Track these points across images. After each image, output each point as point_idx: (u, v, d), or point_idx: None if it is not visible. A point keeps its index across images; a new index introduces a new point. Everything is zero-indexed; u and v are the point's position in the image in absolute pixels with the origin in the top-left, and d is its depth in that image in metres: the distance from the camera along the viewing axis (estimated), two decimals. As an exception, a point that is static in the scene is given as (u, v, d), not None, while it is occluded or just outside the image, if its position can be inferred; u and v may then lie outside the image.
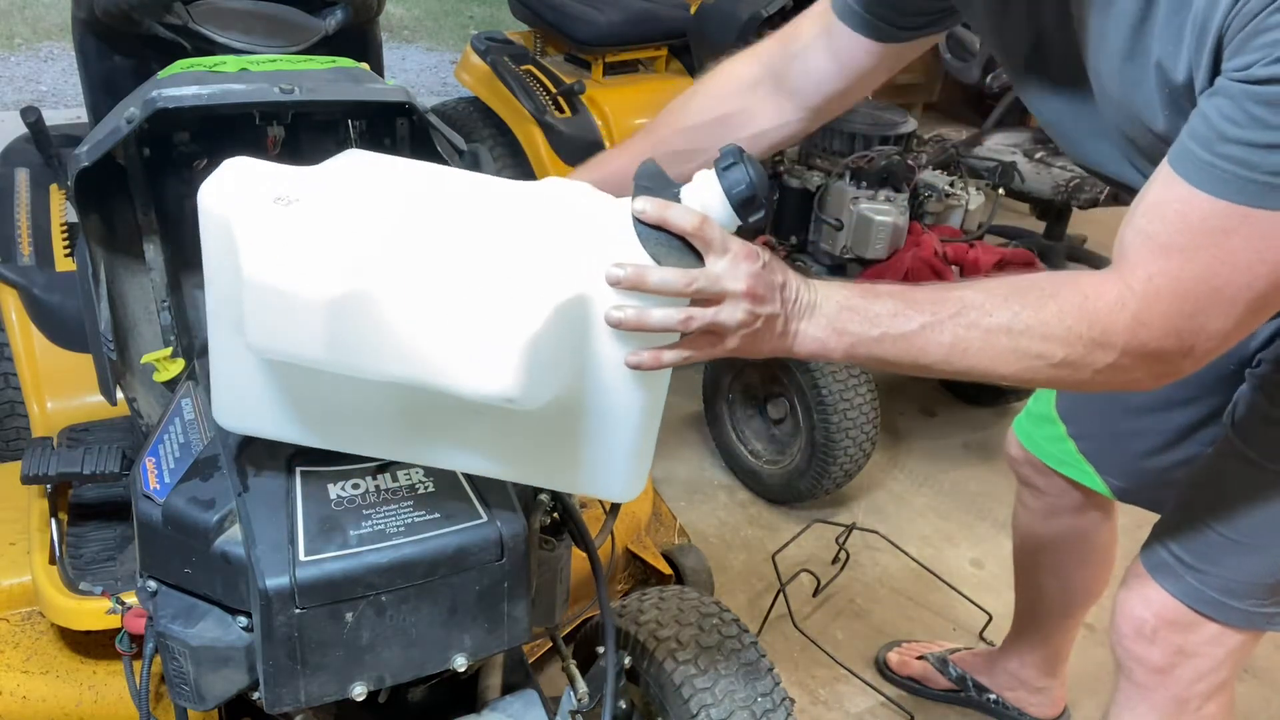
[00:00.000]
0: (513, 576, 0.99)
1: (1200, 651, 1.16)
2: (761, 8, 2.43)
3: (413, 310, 0.78)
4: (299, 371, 0.83)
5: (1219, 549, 1.11)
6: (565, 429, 0.90)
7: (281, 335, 0.79)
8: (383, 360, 0.80)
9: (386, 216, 0.82)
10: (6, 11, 5.17)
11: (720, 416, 2.46)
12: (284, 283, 0.77)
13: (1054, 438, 1.45)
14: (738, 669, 1.22)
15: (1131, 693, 1.24)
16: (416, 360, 0.79)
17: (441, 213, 0.85)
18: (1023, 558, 1.67)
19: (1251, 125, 0.75)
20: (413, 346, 0.79)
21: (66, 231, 1.88)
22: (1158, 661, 1.19)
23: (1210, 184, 0.78)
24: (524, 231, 0.84)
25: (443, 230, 0.82)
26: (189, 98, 1.12)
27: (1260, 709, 1.95)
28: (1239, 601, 1.12)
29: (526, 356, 0.77)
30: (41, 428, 1.72)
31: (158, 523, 0.96)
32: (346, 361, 0.80)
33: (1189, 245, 0.81)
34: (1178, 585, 1.15)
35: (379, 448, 0.95)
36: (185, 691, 0.97)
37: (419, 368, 0.79)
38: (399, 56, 5.45)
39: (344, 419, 0.92)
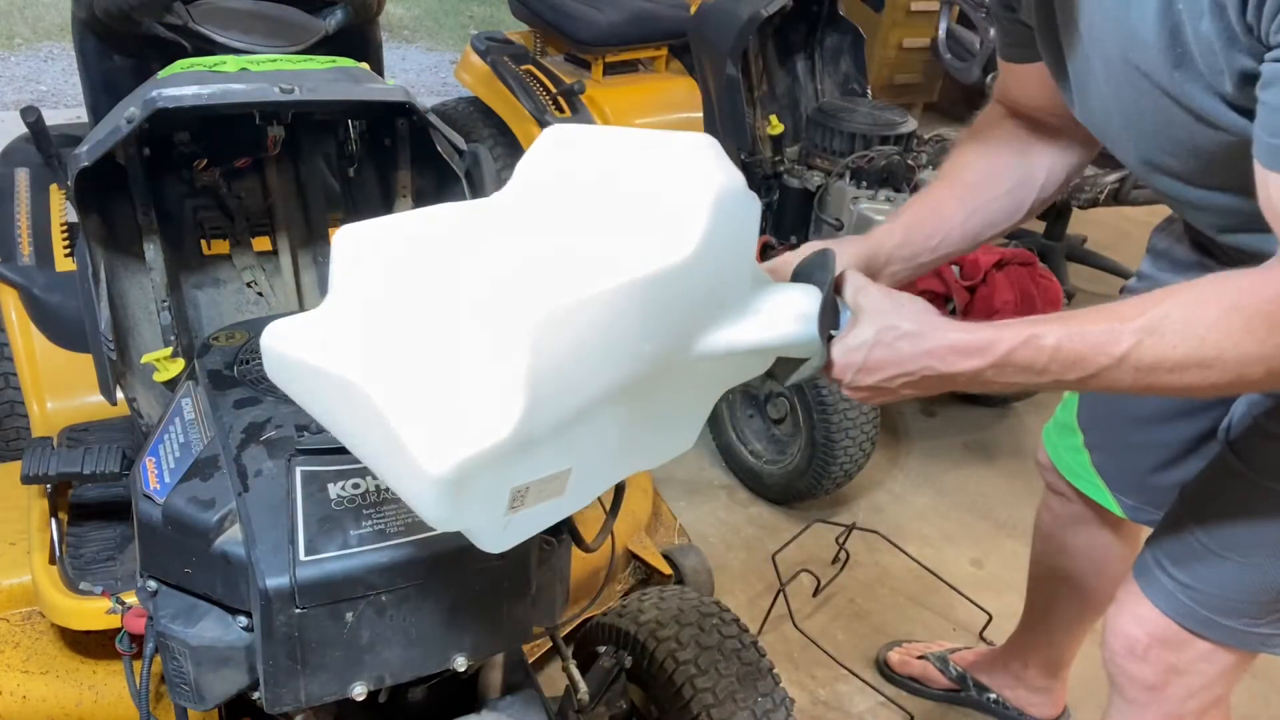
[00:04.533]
0: (513, 576, 0.99)
1: (1192, 669, 1.15)
2: (761, 8, 2.43)
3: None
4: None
5: (1211, 566, 1.10)
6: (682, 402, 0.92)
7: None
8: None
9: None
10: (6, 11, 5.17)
11: (720, 416, 2.46)
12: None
13: (1072, 448, 1.44)
14: (738, 669, 1.22)
15: (1125, 709, 1.24)
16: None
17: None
18: (1040, 560, 1.66)
19: None
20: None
21: (66, 231, 1.88)
22: (1150, 679, 1.18)
23: None
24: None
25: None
26: (189, 98, 1.12)
27: (1260, 709, 1.95)
28: (1232, 620, 1.10)
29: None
30: (41, 428, 1.72)
31: (158, 522, 0.96)
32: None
33: None
34: (1169, 602, 1.14)
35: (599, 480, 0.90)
36: (185, 691, 0.97)
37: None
38: (399, 56, 5.46)
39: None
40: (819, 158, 2.49)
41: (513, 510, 0.78)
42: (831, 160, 2.45)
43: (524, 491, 0.77)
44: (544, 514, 0.83)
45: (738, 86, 2.45)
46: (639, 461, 0.92)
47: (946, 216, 1.11)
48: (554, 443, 0.76)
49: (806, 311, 0.90)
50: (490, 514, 0.77)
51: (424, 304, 0.75)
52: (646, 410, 0.85)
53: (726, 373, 0.94)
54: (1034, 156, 1.15)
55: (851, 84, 2.74)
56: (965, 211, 1.11)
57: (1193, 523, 1.12)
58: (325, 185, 1.46)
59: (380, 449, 0.73)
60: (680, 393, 0.89)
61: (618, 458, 0.88)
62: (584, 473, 0.83)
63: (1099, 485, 1.41)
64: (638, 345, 0.79)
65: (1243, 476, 1.07)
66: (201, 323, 1.37)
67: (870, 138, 2.40)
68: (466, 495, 0.72)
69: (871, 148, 2.39)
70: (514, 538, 0.83)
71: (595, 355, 0.76)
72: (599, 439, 0.82)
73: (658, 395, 0.85)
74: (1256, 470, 1.06)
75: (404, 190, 1.38)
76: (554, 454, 0.77)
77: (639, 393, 0.82)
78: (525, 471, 0.76)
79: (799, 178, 2.49)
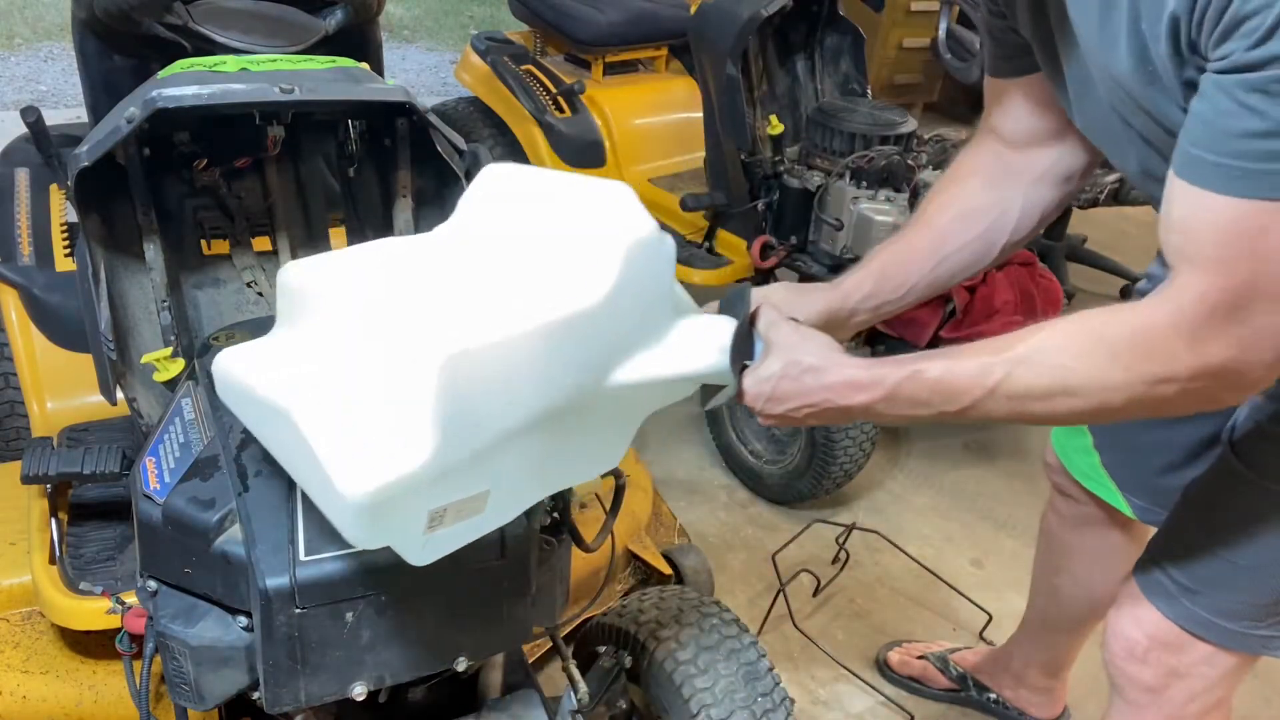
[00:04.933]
0: (513, 576, 0.99)
1: (1192, 672, 1.15)
2: (761, 8, 2.43)
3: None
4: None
5: (1213, 569, 1.09)
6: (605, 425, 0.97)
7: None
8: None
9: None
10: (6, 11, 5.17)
11: (720, 416, 2.46)
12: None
13: (1082, 449, 1.44)
14: (738, 669, 1.22)
15: (1125, 711, 1.23)
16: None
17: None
18: (1046, 561, 1.66)
19: (1243, 114, 0.73)
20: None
21: (66, 231, 1.88)
22: (1150, 681, 1.18)
23: (1227, 185, 0.76)
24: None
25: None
26: (189, 98, 1.12)
27: (1260, 709, 1.95)
28: (1233, 623, 1.10)
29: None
30: (41, 428, 1.72)
31: (158, 522, 0.96)
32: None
33: (1226, 254, 0.78)
34: (1170, 605, 1.13)
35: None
36: (185, 691, 0.97)
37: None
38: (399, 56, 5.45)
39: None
40: (819, 158, 2.49)
41: (431, 529, 0.83)
42: (831, 160, 2.45)
43: (442, 512, 0.82)
44: (467, 530, 0.88)
45: (738, 86, 2.45)
46: (565, 479, 0.99)
47: (915, 266, 1.15)
48: (470, 469, 0.81)
49: (721, 344, 0.96)
50: (409, 533, 0.82)
51: (353, 338, 0.80)
52: (568, 435, 0.90)
53: (651, 398, 0.98)
54: (1009, 199, 1.15)
55: (851, 84, 2.73)
56: (935, 260, 1.15)
57: (1194, 524, 1.12)
58: (325, 185, 1.46)
59: (309, 472, 0.79)
60: (604, 418, 0.94)
61: (541, 478, 0.93)
62: (505, 492, 0.88)
63: (1110, 486, 1.41)
64: (549, 382, 0.84)
65: (1244, 478, 1.07)
66: (201, 323, 1.37)
67: (870, 138, 2.40)
68: (384, 517, 0.77)
69: (871, 148, 2.39)
70: (438, 552, 0.87)
71: (506, 392, 0.81)
72: (518, 463, 0.87)
73: (579, 422, 0.90)
74: (1258, 472, 1.06)
75: (404, 190, 1.38)
76: (471, 479, 0.82)
77: (558, 422, 0.87)
78: (442, 495, 0.81)
79: (799, 178, 2.48)
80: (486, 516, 0.88)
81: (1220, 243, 0.78)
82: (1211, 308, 0.79)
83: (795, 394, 0.94)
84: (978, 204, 1.15)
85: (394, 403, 0.76)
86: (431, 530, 0.83)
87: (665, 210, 2.90)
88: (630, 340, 0.91)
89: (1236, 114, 0.74)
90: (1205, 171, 0.77)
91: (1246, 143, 0.74)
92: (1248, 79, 0.72)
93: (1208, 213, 0.78)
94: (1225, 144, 0.75)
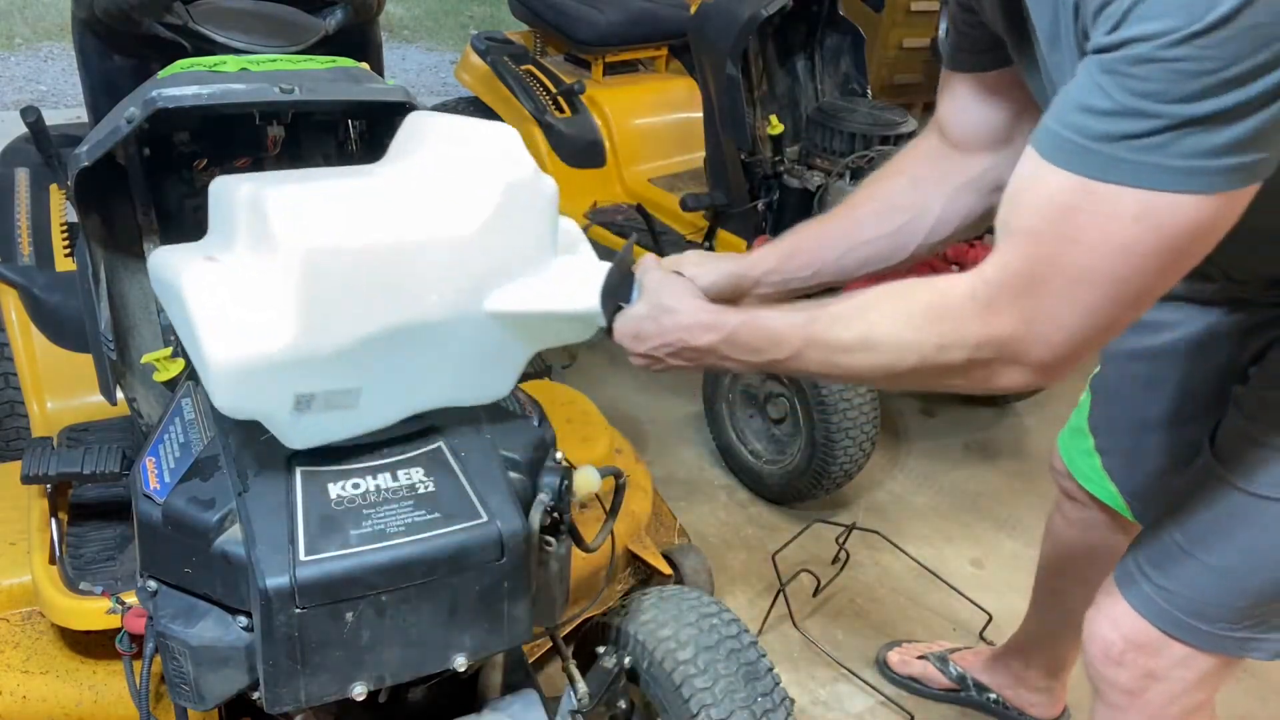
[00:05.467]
0: (513, 576, 0.99)
1: (1169, 675, 1.14)
2: (761, 8, 2.43)
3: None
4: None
5: (1187, 568, 1.09)
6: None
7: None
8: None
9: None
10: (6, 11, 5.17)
11: (720, 416, 2.46)
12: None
13: (1084, 451, 1.44)
14: (738, 669, 1.22)
15: (1106, 714, 1.22)
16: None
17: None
18: (1050, 562, 1.66)
19: (1094, 91, 0.74)
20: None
21: (66, 231, 1.88)
22: (1127, 684, 1.17)
23: (1062, 157, 0.77)
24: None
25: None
26: (189, 97, 1.12)
27: (1259, 709, 1.95)
28: (1207, 624, 1.09)
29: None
30: (41, 428, 1.72)
31: (158, 522, 0.96)
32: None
33: (1039, 225, 0.79)
34: (1146, 605, 1.13)
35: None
36: (185, 691, 0.97)
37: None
38: (399, 56, 5.46)
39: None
40: (819, 158, 2.49)
41: (300, 412, 0.92)
42: (831, 160, 2.45)
43: (310, 398, 0.92)
44: (343, 423, 0.98)
45: (738, 86, 2.45)
46: (447, 397, 1.05)
47: (824, 250, 1.17)
48: (336, 364, 0.91)
49: (595, 285, 1.02)
50: (277, 411, 0.91)
51: (248, 235, 0.92)
52: (446, 354, 1.00)
53: (534, 334, 1.07)
54: (930, 202, 1.15)
55: (851, 84, 2.74)
56: (845, 247, 1.16)
57: (1171, 524, 1.11)
58: (325, 185, 1.46)
59: (194, 347, 0.89)
60: (486, 345, 1.03)
61: (420, 390, 1.02)
62: (380, 395, 0.97)
63: (1110, 489, 1.41)
64: (412, 296, 0.94)
65: (1221, 479, 1.06)
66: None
67: (870, 138, 2.40)
68: (249, 390, 0.88)
69: (871, 148, 2.39)
70: (314, 439, 0.97)
71: (368, 297, 0.91)
72: (392, 369, 0.96)
73: (458, 344, 1.00)
74: (1234, 473, 1.05)
75: (404, 190, 1.38)
76: (338, 372, 0.92)
77: (431, 337, 0.97)
78: (308, 381, 0.90)
79: (799, 178, 2.49)
80: (362, 414, 0.98)
81: (1038, 213, 0.79)
82: (1011, 277, 0.80)
83: (655, 333, 1.00)
84: (898, 202, 1.16)
85: (264, 288, 0.88)
86: (300, 412, 0.92)
87: (665, 210, 2.90)
88: (502, 272, 0.99)
89: (1088, 90, 0.75)
90: (1048, 142, 0.78)
91: (1088, 119, 0.75)
92: (1103, 60, 0.73)
93: (1038, 183, 0.79)
94: (1071, 117, 0.76)
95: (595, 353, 3.01)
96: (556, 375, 2.39)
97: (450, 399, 1.06)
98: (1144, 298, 0.80)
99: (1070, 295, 0.79)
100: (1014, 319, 0.81)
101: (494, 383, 1.09)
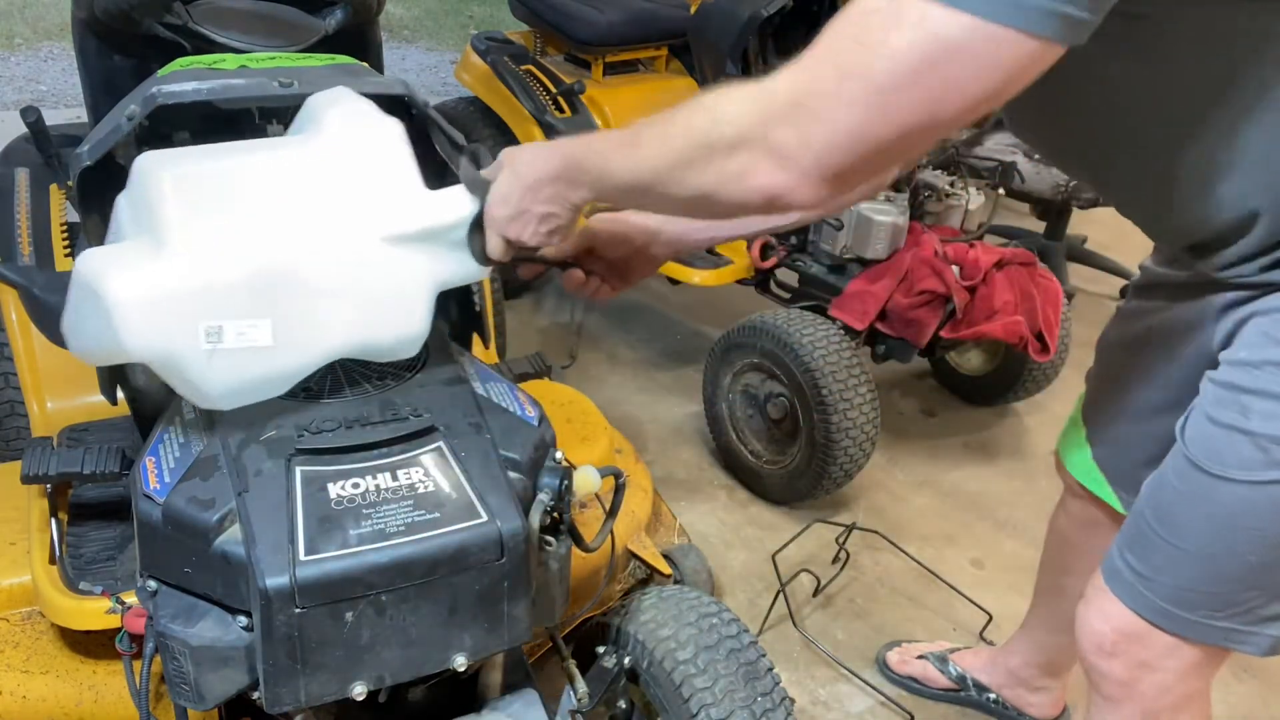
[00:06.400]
0: (512, 576, 0.99)
1: (1160, 665, 1.14)
2: (761, 8, 2.43)
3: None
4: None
5: (1164, 555, 1.08)
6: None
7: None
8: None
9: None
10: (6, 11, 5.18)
11: (720, 416, 2.46)
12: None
13: (1079, 443, 1.44)
14: (737, 669, 1.22)
15: (1103, 707, 1.22)
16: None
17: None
18: (1053, 560, 1.65)
19: None
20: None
21: (66, 231, 1.88)
22: (1120, 676, 1.17)
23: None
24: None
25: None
26: (188, 93, 1.12)
27: (1260, 709, 1.95)
28: (1188, 612, 1.08)
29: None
30: (41, 428, 1.72)
31: (158, 522, 0.96)
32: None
33: (836, 32, 0.77)
34: (1130, 595, 1.12)
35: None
36: (185, 691, 0.97)
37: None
38: (399, 56, 5.46)
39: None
40: (819, 158, 2.49)
41: (212, 345, 0.97)
42: (831, 160, 2.44)
43: (219, 330, 0.97)
44: (259, 363, 1.01)
45: (738, 86, 2.45)
46: (360, 339, 1.07)
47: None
48: (234, 293, 0.97)
49: (460, 191, 1.07)
50: (189, 346, 0.96)
51: (131, 193, 1.01)
52: (344, 285, 1.04)
53: (426, 264, 1.08)
54: None
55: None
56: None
57: (1147, 510, 1.11)
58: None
59: (96, 322, 0.94)
60: (383, 277, 1.06)
61: (330, 329, 1.05)
62: (289, 333, 1.01)
63: (1102, 480, 1.41)
64: (275, 204, 1.02)
65: (1187, 461, 1.06)
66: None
67: (870, 138, 2.39)
68: (156, 324, 0.93)
69: (871, 148, 2.38)
70: (237, 387, 1.01)
71: (249, 222, 0.99)
72: (295, 300, 1.01)
73: (354, 274, 1.04)
74: (1198, 454, 1.05)
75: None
76: (239, 302, 0.97)
77: (327, 266, 1.02)
78: (214, 312, 0.96)
79: (799, 178, 2.48)
80: (278, 351, 1.01)
81: (842, 22, 0.77)
82: (793, 75, 0.79)
83: (513, 182, 1.00)
84: None
85: (147, 229, 0.97)
86: (213, 345, 0.97)
87: (665, 210, 2.90)
88: (362, 198, 1.06)
89: None
90: None
91: None
92: None
93: (851, 5, 0.77)
94: None
95: (595, 352, 3.01)
96: (556, 375, 2.39)
97: (364, 341, 1.07)
98: (908, 122, 0.77)
99: (844, 97, 0.76)
100: (785, 107, 0.79)
101: (402, 323, 1.09)
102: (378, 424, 1.03)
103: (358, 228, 1.05)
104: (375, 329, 1.07)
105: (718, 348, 2.42)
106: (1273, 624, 1.05)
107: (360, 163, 1.07)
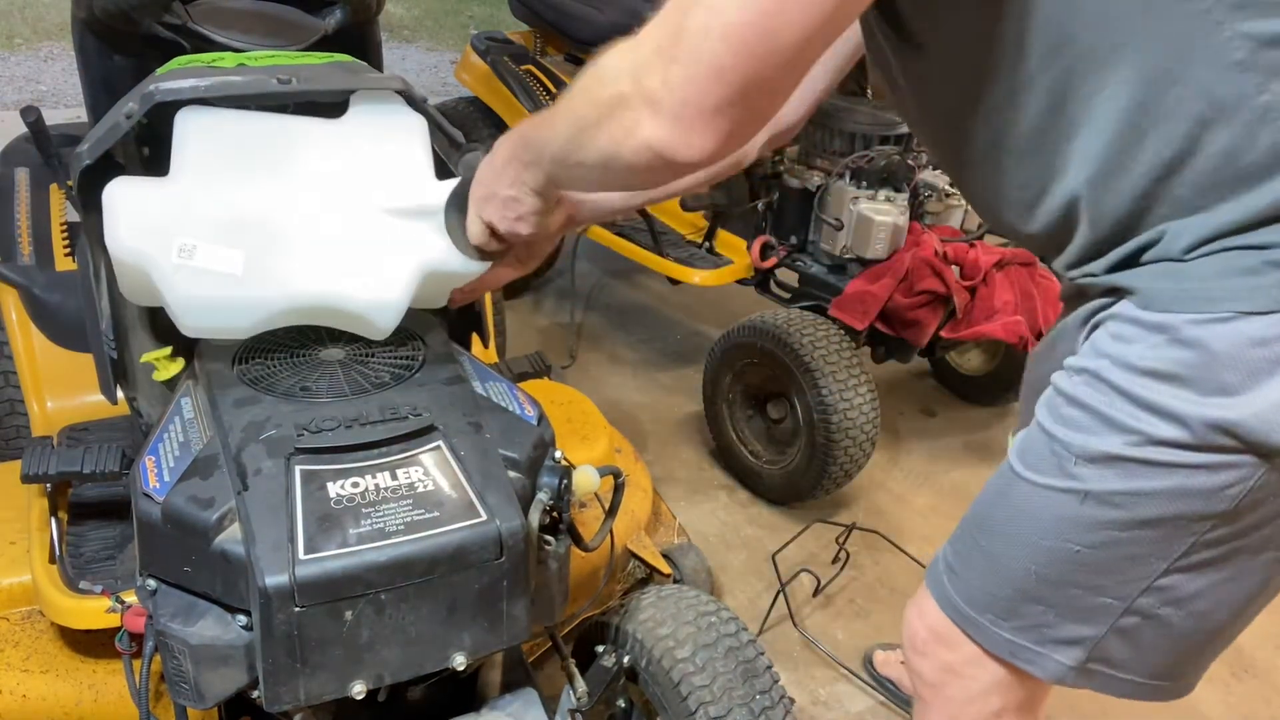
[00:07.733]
0: (512, 575, 0.99)
1: (965, 673, 1.10)
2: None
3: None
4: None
5: (965, 546, 1.07)
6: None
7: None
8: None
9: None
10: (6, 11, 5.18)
11: (720, 416, 2.46)
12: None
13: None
14: (736, 667, 1.22)
15: (918, 705, 1.19)
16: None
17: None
18: None
19: None
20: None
21: (66, 231, 1.88)
22: (929, 676, 1.14)
23: None
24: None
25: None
26: (187, 90, 1.12)
27: (1260, 709, 1.95)
28: (978, 613, 1.05)
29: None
30: (41, 427, 1.72)
31: (157, 521, 0.96)
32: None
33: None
34: (938, 589, 1.10)
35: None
36: (185, 690, 0.97)
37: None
38: (399, 56, 5.46)
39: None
40: (819, 158, 2.49)
41: (183, 259, 1.06)
42: (831, 160, 2.45)
43: (192, 248, 1.06)
44: (228, 288, 1.07)
45: (738, 86, 2.45)
46: (332, 293, 1.11)
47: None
48: (221, 222, 1.08)
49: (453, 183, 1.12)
50: (163, 254, 1.05)
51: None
52: (332, 238, 1.12)
53: (417, 243, 1.13)
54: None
55: (851, 84, 2.74)
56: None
57: (972, 508, 1.09)
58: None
59: (110, 216, 1.07)
60: (373, 242, 1.13)
61: (304, 274, 1.10)
62: (264, 268, 1.08)
63: None
64: (287, 165, 1.13)
65: (1009, 459, 1.05)
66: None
67: (870, 138, 2.40)
68: (136, 227, 1.05)
69: (871, 148, 2.39)
70: (204, 311, 1.09)
71: (246, 162, 1.12)
72: (274, 242, 1.09)
73: (344, 232, 1.12)
74: (1014, 453, 1.04)
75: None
76: (215, 228, 1.08)
77: (315, 218, 1.12)
78: (192, 233, 1.06)
79: (799, 178, 2.49)
80: (245, 282, 1.07)
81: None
82: (664, 18, 0.80)
83: (486, 166, 1.04)
84: None
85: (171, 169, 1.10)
86: (184, 260, 1.05)
87: (665, 210, 2.90)
88: (371, 172, 1.16)
89: None
90: None
91: None
92: None
93: None
94: None
95: (595, 352, 3.01)
96: (556, 375, 2.39)
97: (337, 297, 1.11)
98: (755, 51, 0.78)
99: (689, 31, 0.78)
100: (649, 50, 0.81)
101: (379, 289, 1.12)
102: (377, 423, 1.03)
103: (358, 194, 1.13)
104: (350, 287, 1.11)
105: (718, 348, 2.42)
106: (1063, 648, 1.00)
107: (378, 144, 1.17)
